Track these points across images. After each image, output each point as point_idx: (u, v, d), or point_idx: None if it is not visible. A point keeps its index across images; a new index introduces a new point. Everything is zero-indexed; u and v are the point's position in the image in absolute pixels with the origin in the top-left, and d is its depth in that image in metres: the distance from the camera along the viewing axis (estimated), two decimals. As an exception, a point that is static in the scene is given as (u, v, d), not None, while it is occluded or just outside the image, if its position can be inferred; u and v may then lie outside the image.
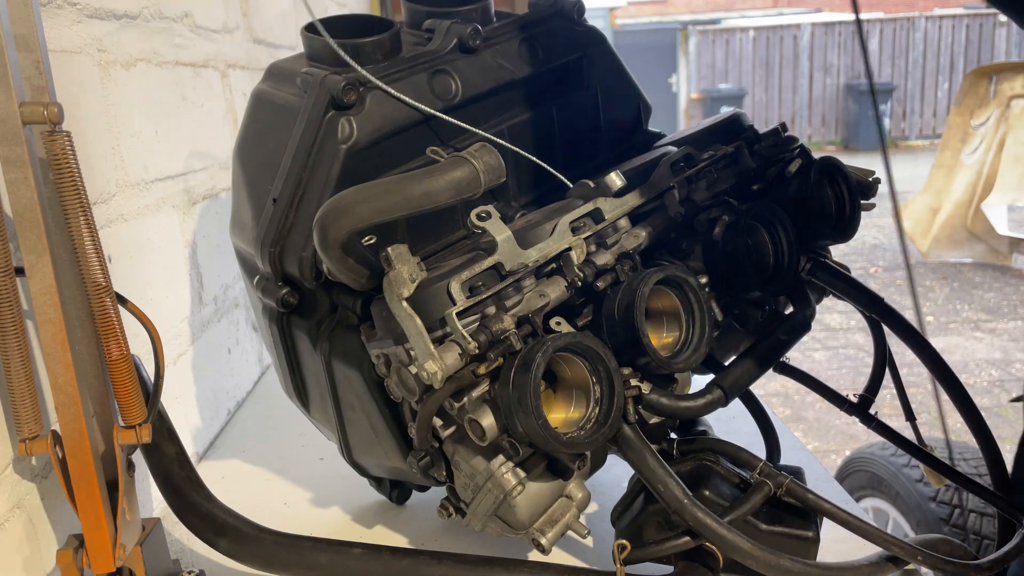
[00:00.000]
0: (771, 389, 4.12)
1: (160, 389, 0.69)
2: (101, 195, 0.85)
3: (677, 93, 12.54)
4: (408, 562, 0.71)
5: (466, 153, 0.61)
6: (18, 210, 0.58)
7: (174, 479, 0.76)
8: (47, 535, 0.70)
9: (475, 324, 0.60)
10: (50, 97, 0.61)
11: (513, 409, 0.57)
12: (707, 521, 0.62)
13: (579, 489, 0.67)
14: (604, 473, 0.77)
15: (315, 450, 1.06)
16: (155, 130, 1.00)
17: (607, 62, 0.91)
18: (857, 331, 4.86)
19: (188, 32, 1.14)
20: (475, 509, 0.66)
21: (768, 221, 0.76)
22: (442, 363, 0.57)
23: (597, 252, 0.67)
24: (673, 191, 0.74)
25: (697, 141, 0.82)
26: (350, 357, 0.70)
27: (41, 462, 0.70)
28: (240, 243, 0.81)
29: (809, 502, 0.68)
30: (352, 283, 0.66)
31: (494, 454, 0.63)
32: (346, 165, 0.69)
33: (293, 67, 0.76)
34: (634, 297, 0.62)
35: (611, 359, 0.61)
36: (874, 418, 0.85)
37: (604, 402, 0.61)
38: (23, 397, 0.62)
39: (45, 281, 0.59)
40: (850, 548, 0.73)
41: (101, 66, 0.87)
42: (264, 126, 0.77)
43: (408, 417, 0.68)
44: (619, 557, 0.66)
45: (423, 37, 0.81)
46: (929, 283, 6.00)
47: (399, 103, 0.72)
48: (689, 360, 0.66)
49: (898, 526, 1.94)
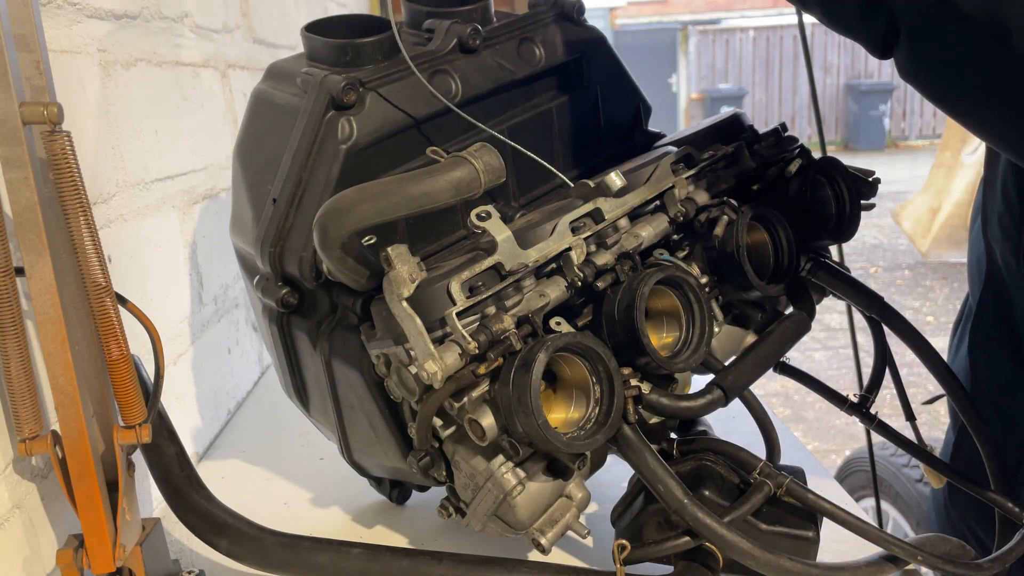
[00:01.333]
0: (771, 389, 4.12)
1: (160, 389, 0.69)
2: (101, 195, 0.85)
3: (677, 93, 12.54)
4: (408, 562, 0.71)
5: (466, 153, 0.61)
6: (18, 210, 0.58)
7: (174, 479, 0.76)
8: (47, 535, 0.70)
9: (475, 324, 0.60)
10: (50, 97, 0.61)
11: (513, 409, 0.57)
12: (707, 521, 0.62)
13: (579, 489, 0.67)
14: (604, 473, 0.78)
15: (315, 450, 1.06)
16: (155, 130, 1.00)
17: (607, 62, 0.91)
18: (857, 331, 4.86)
19: (188, 32, 1.14)
20: (475, 509, 0.66)
21: (768, 221, 0.76)
22: (442, 363, 0.57)
23: (597, 252, 0.67)
24: (673, 191, 0.74)
25: (697, 141, 0.82)
26: (350, 357, 0.70)
27: (41, 462, 0.70)
28: (240, 243, 0.81)
29: (809, 502, 0.68)
30: (352, 283, 0.66)
31: (494, 454, 0.63)
32: (346, 165, 0.69)
33: (293, 67, 0.76)
34: (634, 297, 0.62)
35: (611, 359, 0.61)
36: (874, 417, 0.85)
37: (604, 402, 0.61)
38: (23, 397, 0.62)
39: (45, 281, 0.59)
40: (850, 548, 0.73)
41: (101, 66, 0.87)
42: (264, 126, 0.77)
43: (408, 417, 0.68)
44: (619, 557, 0.66)
45: (423, 37, 0.81)
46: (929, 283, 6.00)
47: (399, 103, 0.72)
48: (689, 360, 0.66)
49: (898, 526, 1.94)
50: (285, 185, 0.71)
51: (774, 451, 0.78)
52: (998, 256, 0.94)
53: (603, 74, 0.91)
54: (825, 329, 5.00)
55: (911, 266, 6.43)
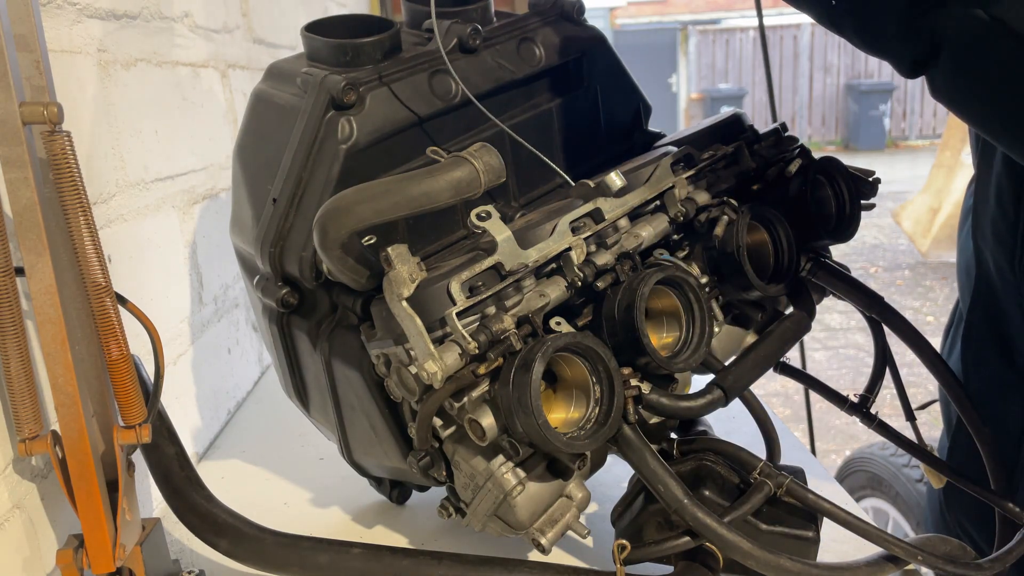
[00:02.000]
0: (771, 389, 4.12)
1: (160, 389, 0.69)
2: (101, 195, 0.85)
3: (677, 93, 12.54)
4: (408, 562, 0.71)
5: (466, 153, 0.61)
6: (18, 210, 0.58)
7: (174, 479, 0.76)
8: (47, 535, 0.70)
9: (475, 324, 0.60)
10: (50, 97, 0.61)
11: (513, 409, 0.57)
12: (707, 521, 0.62)
13: (579, 489, 0.67)
14: (604, 473, 0.78)
15: (315, 450, 1.06)
16: (155, 130, 1.00)
17: (607, 62, 0.91)
18: (857, 331, 4.86)
19: (188, 32, 1.14)
20: (475, 509, 0.66)
21: (768, 221, 0.76)
22: (442, 363, 0.57)
23: (597, 252, 0.67)
24: (673, 191, 0.74)
25: (697, 141, 0.82)
26: (350, 357, 0.70)
27: (41, 462, 0.70)
28: (240, 243, 0.81)
29: (809, 502, 0.68)
30: (352, 283, 0.66)
31: (494, 454, 0.63)
32: (346, 165, 0.69)
33: (293, 67, 0.76)
34: (634, 297, 0.62)
35: (611, 359, 0.60)
36: (874, 417, 0.85)
37: (604, 402, 0.61)
38: (23, 397, 0.62)
39: (45, 281, 0.59)
40: (850, 548, 0.73)
41: (101, 66, 0.87)
42: (264, 126, 0.77)
43: (408, 417, 0.68)
44: (619, 557, 0.66)
45: (423, 37, 0.81)
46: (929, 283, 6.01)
47: (399, 103, 0.72)
48: (689, 360, 0.66)
49: (898, 526, 1.94)
50: (285, 185, 0.71)
51: (774, 451, 0.78)
52: (989, 261, 0.93)
53: (603, 74, 0.91)
54: (825, 329, 5.00)
55: (911, 266, 6.43)
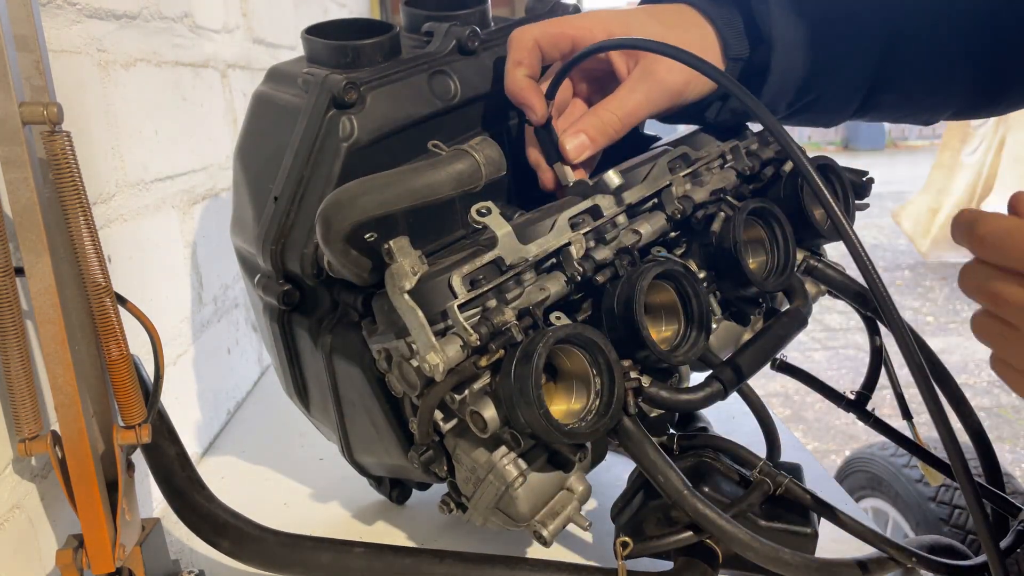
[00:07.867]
0: (771, 389, 4.13)
1: (160, 389, 0.69)
2: (101, 195, 0.85)
3: (676, 95, 12.52)
4: (410, 560, 0.71)
5: (467, 146, 0.62)
6: (18, 210, 0.58)
7: (175, 479, 0.76)
8: (47, 535, 0.70)
9: (476, 317, 0.60)
10: (50, 97, 0.62)
11: (515, 400, 0.57)
12: (706, 512, 0.62)
13: (580, 482, 0.67)
14: (604, 473, 0.78)
15: (315, 450, 1.06)
16: (155, 130, 1.00)
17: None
18: (857, 331, 4.86)
19: (188, 32, 1.14)
20: (476, 503, 0.66)
21: (765, 217, 0.76)
22: (444, 355, 0.57)
23: (596, 248, 0.67)
24: (670, 189, 0.74)
25: (694, 141, 0.83)
26: (351, 353, 0.70)
27: (41, 462, 0.70)
28: (241, 243, 0.81)
29: (806, 502, 0.68)
30: (354, 277, 0.66)
31: (495, 446, 0.63)
32: (347, 163, 0.69)
33: (294, 69, 0.76)
34: (633, 291, 0.62)
35: (611, 351, 0.61)
36: (871, 414, 0.85)
37: (604, 393, 0.61)
38: (23, 397, 0.62)
39: (45, 281, 0.59)
40: (851, 549, 0.73)
41: (101, 66, 0.87)
42: (265, 126, 0.77)
43: (409, 412, 0.68)
44: (621, 553, 0.66)
45: (422, 40, 0.81)
46: (929, 283, 6.01)
47: (399, 102, 0.72)
48: (688, 353, 0.66)
49: (898, 526, 1.95)
50: (287, 183, 0.71)
51: (775, 449, 0.78)
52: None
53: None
54: (825, 329, 5.01)
55: (911, 266, 6.44)
